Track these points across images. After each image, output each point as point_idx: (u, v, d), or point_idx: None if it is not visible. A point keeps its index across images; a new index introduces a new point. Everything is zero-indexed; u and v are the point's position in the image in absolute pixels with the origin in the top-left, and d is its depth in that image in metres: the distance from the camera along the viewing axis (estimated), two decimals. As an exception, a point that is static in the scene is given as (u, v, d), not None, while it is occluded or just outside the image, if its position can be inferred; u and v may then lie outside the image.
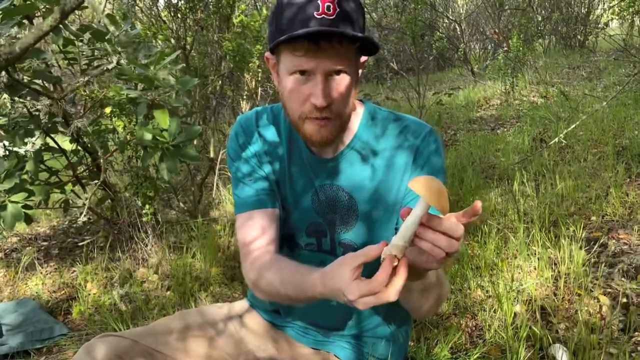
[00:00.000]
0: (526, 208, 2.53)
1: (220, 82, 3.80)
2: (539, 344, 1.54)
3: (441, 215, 0.72)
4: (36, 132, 1.95)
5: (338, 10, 0.88)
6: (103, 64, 1.76)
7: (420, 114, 4.11)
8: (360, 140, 1.05)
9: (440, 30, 9.07)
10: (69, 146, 2.42)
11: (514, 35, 6.12)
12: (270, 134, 1.10)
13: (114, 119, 2.28)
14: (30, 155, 1.88)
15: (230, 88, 4.02)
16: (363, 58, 0.98)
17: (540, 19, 8.79)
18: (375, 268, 0.75)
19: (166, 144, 1.80)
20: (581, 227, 2.15)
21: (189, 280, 2.22)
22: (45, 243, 3.01)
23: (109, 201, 2.68)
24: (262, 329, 1.19)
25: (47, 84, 2.22)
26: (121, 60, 1.45)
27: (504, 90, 5.92)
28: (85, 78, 1.52)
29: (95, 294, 2.24)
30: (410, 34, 4.13)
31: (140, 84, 1.89)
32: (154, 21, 3.80)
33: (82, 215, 1.74)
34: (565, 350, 1.47)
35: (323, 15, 0.87)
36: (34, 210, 1.92)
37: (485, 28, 9.95)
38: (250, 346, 1.16)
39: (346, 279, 0.76)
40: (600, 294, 1.73)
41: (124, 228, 2.55)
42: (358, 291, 0.74)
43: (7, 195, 1.79)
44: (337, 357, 1.13)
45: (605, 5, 8.53)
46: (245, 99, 3.59)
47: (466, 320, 1.73)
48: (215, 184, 3.30)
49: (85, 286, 2.33)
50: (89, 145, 2.35)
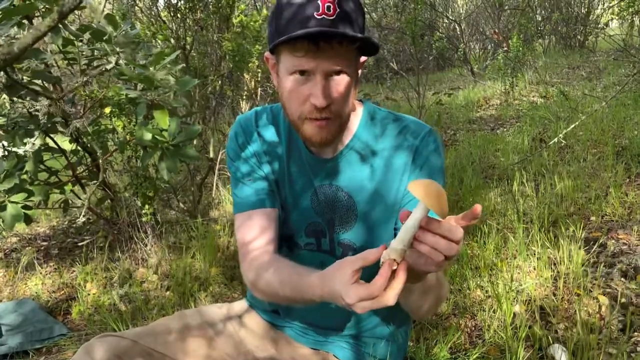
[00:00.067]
0: (526, 208, 2.53)
1: (219, 82, 3.80)
2: (538, 344, 1.54)
3: (440, 219, 0.72)
4: (35, 133, 1.95)
5: (338, 10, 0.88)
6: (102, 64, 1.75)
7: (419, 114, 4.11)
8: (359, 140, 1.05)
9: (440, 30, 9.08)
10: (68, 146, 2.42)
11: (513, 35, 6.12)
12: (270, 134, 1.10)
13: (113, 119, 2.28)
14: (30, 156, 1.88)
15: (229, 88, 4.02)
16: (363, 58, 0.98)
17: (540, 19, 8.79)
18: (374, 271, 0.75)
19: (166, 144, 1.80)
20: (580, 227, 2.15)
21: (189, 280, 2.22)
22: (45, 243, 3.00)
23: (109, 201, 2.68)
24: (262, 329, 1.19)
25: (47, 84, 2.22)
26: (120, 61, 1.44)
27: (504, 90, 5.92)
28: (84, 78, 1.52)
29: (94, 294, 2.24)
30: (410, 34, 4.13)
31: (140, 84, 1.89)
32: (154, 21, 3.80)
33: (82, 215, 1.74)
34: (564, 351, 1.47)
35: (323, 15, 0.87)
36: (34, 211, 1.92)
37: (485, 28, 9.95)
38: (249, 346, 1.16)
39: (345, 283, 0.76)
40: (599, 294, 1.73)
41: (124, 228, 2.55)
42: (356, 295, 0.74)
43: (7, 195, 1.79)
44: (337, 357, 1.12)
45: (605, 5, 8.54)
46: (244, 99, 3.59)
47: (465, 320, 1.73)
48: (214, 184, 3.30)
49: (85, 286, 2.33)
50: (89, 145, 2.35)
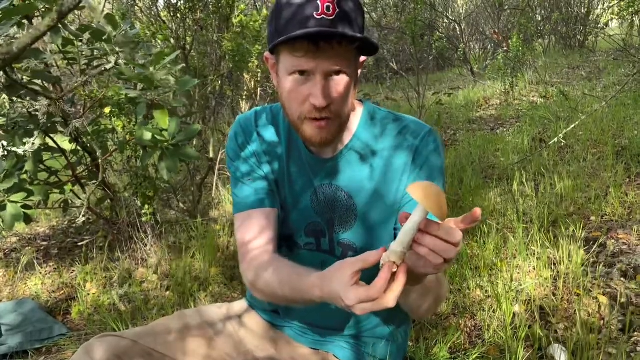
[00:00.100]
0: (525, 208, 2.53)
1: (219, 82, 3.80)
2: (538, 344, 1.54)
3: (439, 221, 0.72)
4: (35, 132, 1.95)
5: (337, 10, 0.87)
6: (102, 64, 1.75)
7: (419, 114, 4.11)
8: (359, 140, 1.05)
9: (440, 30, 9.08)
10: (68, 146, 2.42)
11: (513, 35, 6.12)
12: (270, 134, 1.10)
13: (113, 119, 2.28)
14: (29, 155, 1.88)
15: (229, 88, 4.02)
16: (362, 58, 0.98)
17: (539, 19, 8.79)
18: (374, 273, 0.75)
19: (165, 144, 1.79)
20: (580, 227, 2.15)
21: (188, 280, 2.22)
22: (45, 243, 3.00)
23: (109, 201, 2.68)
24: (261, 329, 1.19)
25: (47, 84, 2.22)
26: (119, 60, 1.44)
27: (504, 90, 5.92)
28: (83, 78, 1.52)
29: (94, 294, 2.24)
30: (410, 34, 4.13)
31: (140, 84, 1.89)
32: (154, 21, 3.80)
33: (81, 215, 1.74)
34: (564, 351, 1.47)
35: (322, 15, 0.87)
36: (33, 210, 1.92)
37: (485, 28, 9.95)
38: (249, 346, 1.16)
39: (344, 284, 0.76)
40: (599, 294, 1.73)
41: (124, 228, 2.55)
42: (356, 297, 0.74)
43: (7, 195, 1.79)
44: (336, 357, 1.12)
45: (605, 5, 8.53)
46: (244, 99, 3.59)
47: (465, 320, 1.73)
48: (214, 184, 3.30)
49: (85, 286, 2.33)
50: (88, 145, 2.35)
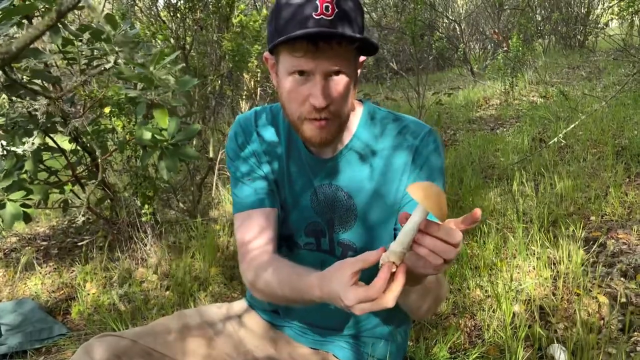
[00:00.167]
0: (525, 208, 2.53)
1: (219, 82, 3.80)
2: (538, 343, 1.54)
3: (439, 222, 0.72)
4: (35, 132, 1.95)
5: (337, 10, 0.87)
6: (101, 64, 1.75)
7: (419, 113, 4.11)
8: (359, 140, 1.05)
9: (440, 30, 9.08)
10: (68, 146, 2.42)
11: (513, 35, 6.12)
12: (269, 134, 1.10)
13: (113, 119, 2.28)
14: (29, 155, 1.88)
15: (229, 88, 4.02)
16: (362, 58, 0.98)
17: (539, 19, 8.79)
18: (373, 273, 0.75)
19: (165, 143, 1.79)
20: (580, 227, 2.15)
21: (188, 280, 2.22)
22: (45, 243, 3.00)
23: (108, 201, 2.68)
24: (261, 329, 1.19)
25: (47, 84, 2.22)
26: (119, 60, 1.44)
27: (504, 90, 5.92)
28: (82, 77, 1.51)
29: (94, 293, 2.24)
30: (410, 33, 4.13)
31: (140, 84, 1.89)
32: (154, 21, 3.80)
33: (81, 215, 1.74)
34: (564, 350, 1.47)
35: (322, 15, 0.87)
36: (33, 210, 1.92)
37: (485, 28, 9.95)
38: (249, 346, 1.16)
39: (344, 284, 0.76)
40: (599, 293, 1.73)
41: (123, 228, 2.55)
42: (355, 297, 0.74)
43: (6, 193, 1.79)
44: (336, 357, 1.12)
45: (605, 5, 8.53)
46: (244, 99, 3.59)
47: (465, 320, 1.73)
48: (214, 184, 3.30)
49: (85, 286, 2.33)
50: (88, 145, 2.35)
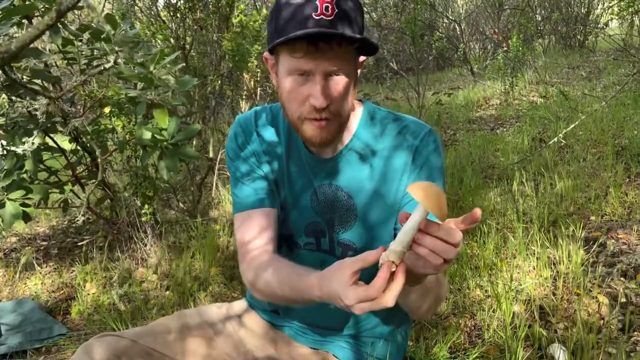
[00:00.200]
0: (525, 208, 2.53)
1: (219, 82, 3.80)
2: (538, 343, 1.54)
3: (439, 222, 0.72)
4: (34, 132, 1.95)
5: (337, 10, 0.87)
6: (101, 64, 1.75)
7: (419, 113, 4.11)
8: (359, 140, 1.05)
9: (440, 30, 9.08)
10: (68, 146, 2.42)
11: (513, 35, 6.12)
12: (269, 134, 1.09)
13: (113, 119, 2.28)
14: (29, 155, 1.88)
15: (229, 88, 4.02)
16: (362, 58, 0.98)
17: (539, 19, 8.79)
18: (373, 273, 0.75)
19: (165, 143, 1.79)
20: (580, 227, 2.15)
21: (188, 280, 2.22)
22: (45, 243, 3.00)
23: (108, 201, 2.68)
24: (261, 329, 1.19)
25: (47, 84, 2.22)
26: (118, 60, 1.44)
27: (504, 90, 5.92)
28: (82, 77, 1.51)
29: (94, 293, 2.24)
30: (410, 33, 4.13)
31: (140, 84, 1.89)
32: (153, 21, 3.80)
33: (81, 214, 1.74)
34: (563, 350, 1.47)
35: (321, 16, 0.86)
36: (32, 209, 1.92)
37: (485, 28, 9.95)
38: (249, 346, 1.16)
39: (343, 284, 0.76)
40: (599, 293, 1.73)
41: (123, 228, 2.55)
42: (355, 296, 0.74)
43: (5, 193, 1.79)
44: (336, 357, 1.12)
45: (605, 5, 8.53)
46: (244, 99, 3.59)
47: (465, 320, 1.73)
48: (214, 184, 3.30)
49: (85, 286, 2.33)
50: (88, 145, 2.35)
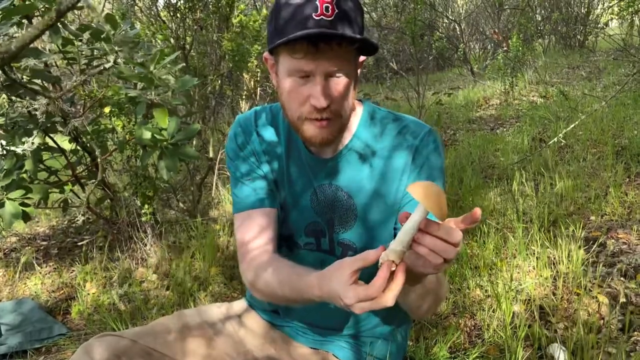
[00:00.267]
0: (525, 208, 2.53)
1: (219, 82, 3.80)
2: (538, 343, 1.54)
3: (439, 221, 0.72)
4: (34, 132, 1.95)
5: (337, 11, 0.87)
6: (101, 64, 1.75)
7: (419, 113, 4.11)
8: (359, 140, 1.05)
9: (440, 30, 9.08)
10: (68, 146, 2.42)
11: (513, 35, 6.12)
12: (269, 134, 1.09)
13: (113, 119, 2.28)
14: (29, 155, 1.88)
15: (229, 88, 4.02)
16: (362, 58, 0.98)
17: (539, 19, 8.79)
18: (373, 272, 0.75)
19: (165, 143, 1.79)
20: (580, 227, 2.15)
21: (188, 280, 2.22)
22: (45, 243, 3.00)
23: (108, 201, 2.68)
24: (261, 328, 1.19)
25: (47, 84, 2.22)
26: (118, 60, 1.44)
27: (504, 90, 5.92)
28: (82, 77, 1.52)
29: (94, 293, 2.24)
30: (410, 33, 4.13)
31: (140, 84, 1.89)
32: (153, 21, 3.80)
33: (81, 214, 1.74)
34: (563, 350, 1.47)
35: (322, 16, 0.86)
36: (32, 209, 1.92)
37: (485, 28, 9.95)
38: (249, 346, 1.16)
39: (343, 283, 0.76)
40: (599, 293, 1.73)
41: (123, 228, 2.55)
42: (355, 296, 0.74)
43: (5, 192, 1.79)
44: (336, 357, 1.12)
45: (605, 5, 8.53)
46: (244, 99, 3.59)
47: (465, 319, 1.73)
48: (214, 184, 3.30)
49: (84, 286, 2.33)
50: (88, 145, 2.35)
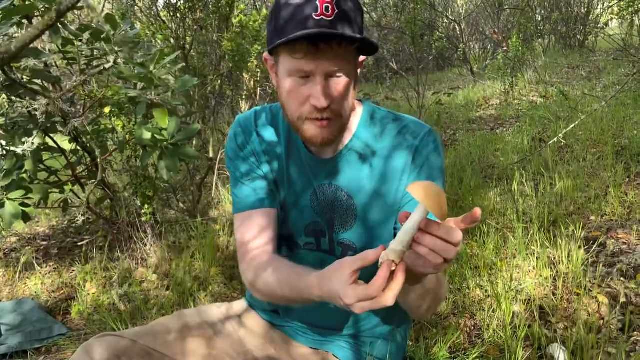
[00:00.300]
0: (525, 208, 2.53)
1: (219, 82, 3.80)
2: (538, 343, 1.54)
3: (439, 221, 0.72)
4: (34, 132, 1.95)
5: (337, 11, 0.87)
6: (101, 64, 1.75)
7: (419, 113, 4.11)
8: (359, 140, 1.05)
9: (440, 30, 9.08)
10: (68, 146, 2.42)
11: (513, 35, 6.12)
12: (269, 134, 1.09)
13: (113, 119, 2.28)
14: (29, 155, 1.88)
15: (229, 88, 4.02)
16: (362, 58, 0.98)
17: (539, 19, 8.79)
18: (373, 272, 0.75)
19: (165, 143, 1.79)
20: (580, 227, 2.15)
21: (188, 280, 2.22)
22: (45, 243, 3.00)
23: (108, 201, 2.68)
24: (261, 328, 1.19)
25: (47, 84, 2.22)
26: (118, 60, 1.44)
27: (504, 90, 5.92)
28: (82, 77, 1.52)
29: (94, 293, 2.24)
30: (410, 33, 4.13)
31: (140, 84, 1.89)
32: (153, 21, 3.80)
33: (81, 214, 1.73)
34: (563, 350, 1.47)
35: (322, 16, 0.86)
36: (32, 209, 1.92)
37: (485, 28, 9.95)
38: (249, 346, 1.16)
39: (343, 283, 0.76)
40: (599, 293, 1.73)
41: (123, 228, 2.55)
42: (355, 295, 0.74)
43: (5, 193, 1.79)
44: (336, 357, 1.12)
45: (605, 5, 8.53)
46: (244, 99, 3.59)
47: (465, 319, 1.73)
48: (214, 184, 3.30)
49: (84, 286, 2.33)
50: (88, 145, 2.35)
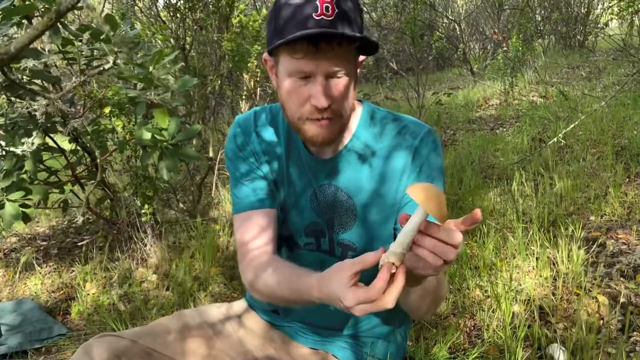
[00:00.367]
0: (525, 208, 2.53)
1: (219, 82, 3.80)
2: (537, 343, 1.54)
3: (439, 223, 0.72)
4: (34, 132, 1.95)
5: (337, 11, 0.87)
6: (101, 64, 1.75)
7: (419, 113, 4.11)
8: (359, 140, 1.05)
9: (440, 30, 9.08)
10: (68, 146, 2.42)
11: (513, 35, 6.12)
12: (269, 134, 1.09)
13: (113, 119, 2.28)
14: (29, 155, 1.88)
15: (229, 88, 4.02)
16: (361, 57, 0.98)
17: (539, 19, 8.79)
18: (373, 274, 0.75)
19: (165, 143, 1.79)
20: (580, 227, 2.15)
21: (188, 280, 2.22)
22: (45, 243, 3.00)
23: (108, 201, 2.68)
24: (261, 329, 1.19)
25: (47, 84, 2.22)
26: (118, 60, 1.44)
27: (503, 90, 5.92)
28: (82, 77, 1.51)
29: (94, 294, 2.24)
30: (410, 33, 4.13)
31: (139, 84, 1.89)
32: (153, 21, 3.80)
33: (81, 215, 1.73)
34: (563, 350, 1.47)
35: (322, 16, 0.86)
36: (32, 210, 1.92)
37: (485, 28, 9.95)
38: (248, 346, 1.16)
39: (343, 286, 0.76)
40: (598, 293, 1.73)
41: (123, 228, 2.55)
42: (355, 298, 0.74)
43: (5, 193, 1.79)
44: (336, 357, 1.12)
45: (605, 5, 8.53)
46: (244, 99, 3.59)
47: (465, 320, 1.74)
48: (214, 184, 3.30)
49: (84, 286, 2.33)
50: (88, 145, 2.35)
